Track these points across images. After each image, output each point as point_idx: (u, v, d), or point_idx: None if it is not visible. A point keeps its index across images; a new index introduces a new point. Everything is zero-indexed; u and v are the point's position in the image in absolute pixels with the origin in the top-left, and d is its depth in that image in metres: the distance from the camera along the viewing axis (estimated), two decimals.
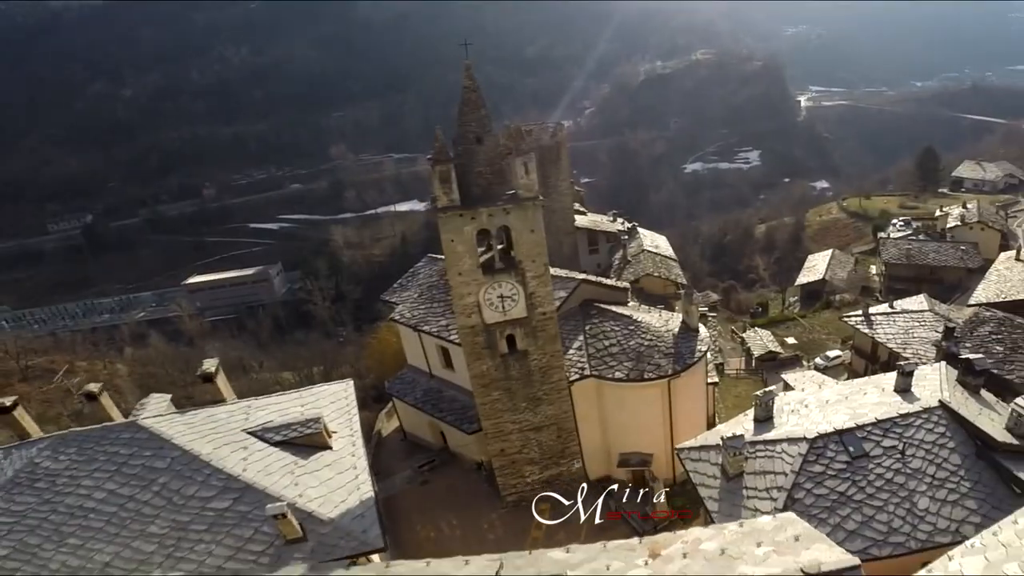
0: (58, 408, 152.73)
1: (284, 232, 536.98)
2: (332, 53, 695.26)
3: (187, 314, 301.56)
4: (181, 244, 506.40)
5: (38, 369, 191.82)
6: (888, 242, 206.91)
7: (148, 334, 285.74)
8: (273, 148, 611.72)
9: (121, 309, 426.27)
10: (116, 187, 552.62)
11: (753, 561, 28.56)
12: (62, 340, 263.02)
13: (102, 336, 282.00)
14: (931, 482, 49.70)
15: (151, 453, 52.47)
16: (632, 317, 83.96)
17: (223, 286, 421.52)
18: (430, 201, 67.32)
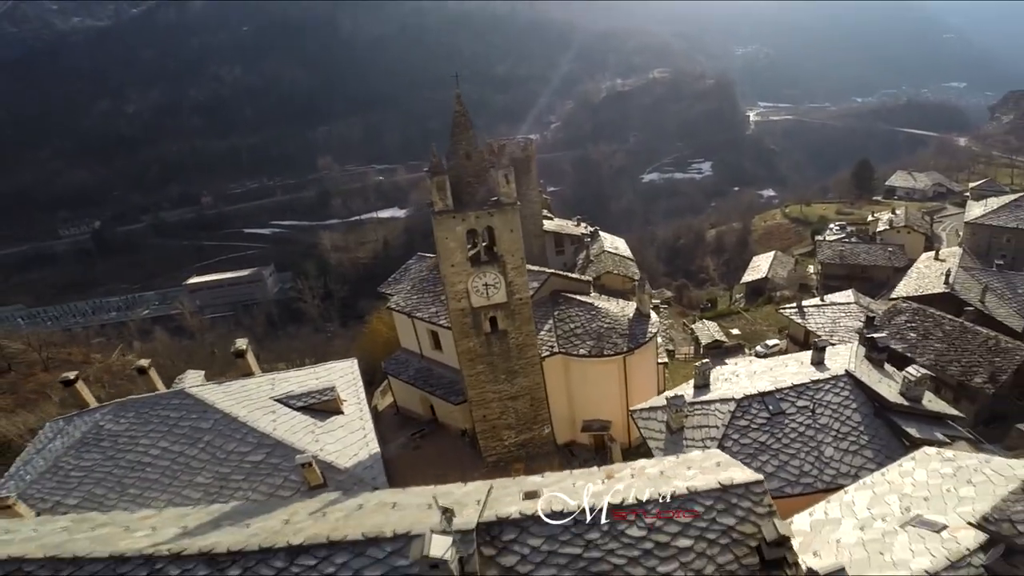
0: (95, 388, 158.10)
1: (276, 237, 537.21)
2: (317, 73, 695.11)
3: (188, 311, 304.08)
4: (181, 248, 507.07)
5: (57, 360, 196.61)
6: (824, 244, 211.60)
7: (153, 330, 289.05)
8: (265, 160, 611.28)
9: (127, 307, 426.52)
10: (121, 195, 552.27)
11: (683, 479, 35.12)
12: (77, 335, 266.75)
13: (111, 332, 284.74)
14: (835, 435, 56.13)
15: (197, 416, 57.85)
16: (594, 304, 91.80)
17: (221, 286, 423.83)
18: (428, 206, 70.48)
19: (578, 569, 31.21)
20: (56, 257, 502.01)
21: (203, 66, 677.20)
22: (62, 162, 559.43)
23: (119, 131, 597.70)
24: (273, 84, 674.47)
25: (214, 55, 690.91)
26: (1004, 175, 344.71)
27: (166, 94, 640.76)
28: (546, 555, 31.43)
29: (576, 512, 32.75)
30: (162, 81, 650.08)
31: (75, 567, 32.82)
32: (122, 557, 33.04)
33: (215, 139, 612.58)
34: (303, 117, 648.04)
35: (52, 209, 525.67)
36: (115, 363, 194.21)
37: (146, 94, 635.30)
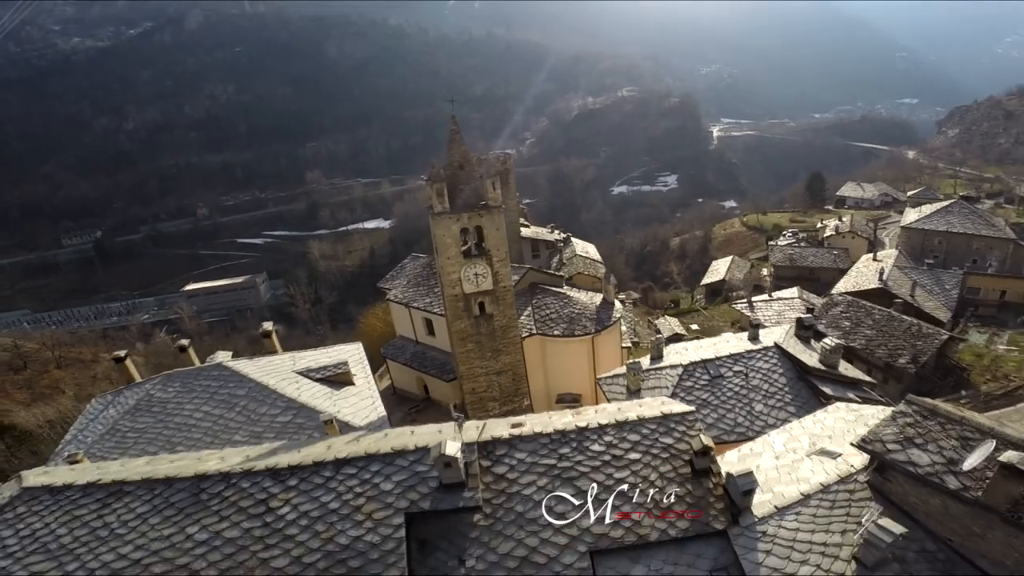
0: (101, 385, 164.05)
1: (268, 246, 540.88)
2: (306, 92, 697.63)
3: (187, 315, 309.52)
4: (178, 256, 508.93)
5: (68, 359, 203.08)
6: (776, 248, 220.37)
7: (153, 333, 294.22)
8: (256, 173, 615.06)
9: (127, 312, 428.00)
10: (121, 207, 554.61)
11: (634, 410, 45.13)
12: (84, 336, 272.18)
13: (113, 335, 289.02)
14: (764, 394, 64.57)
15: (233, 384, 65.48)
16: (566, 294, 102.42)
17: (216, 292, 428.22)
18: (427, 208, 79.53)
19: (553, 476, 40.13)
20: (60, 265, 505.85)
21: (198, 85, 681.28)
22: (65, 175, 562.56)
23: (119, 146, 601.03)
24: (264, 102, 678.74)
25: (208, 75, 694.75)
26: (948, 185, 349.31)
27: (163, 111, 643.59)
28: (529, 465, 40.30)
29: (552, 433, 42.09)
30: (160, 99, 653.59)
31: (166, 486, 40.97)
32: (204, 475, 41.31)
33: (210, 154, 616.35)
34: (292, 133, 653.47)
35: (56, 219, 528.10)
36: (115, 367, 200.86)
37: (144, 111, 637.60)
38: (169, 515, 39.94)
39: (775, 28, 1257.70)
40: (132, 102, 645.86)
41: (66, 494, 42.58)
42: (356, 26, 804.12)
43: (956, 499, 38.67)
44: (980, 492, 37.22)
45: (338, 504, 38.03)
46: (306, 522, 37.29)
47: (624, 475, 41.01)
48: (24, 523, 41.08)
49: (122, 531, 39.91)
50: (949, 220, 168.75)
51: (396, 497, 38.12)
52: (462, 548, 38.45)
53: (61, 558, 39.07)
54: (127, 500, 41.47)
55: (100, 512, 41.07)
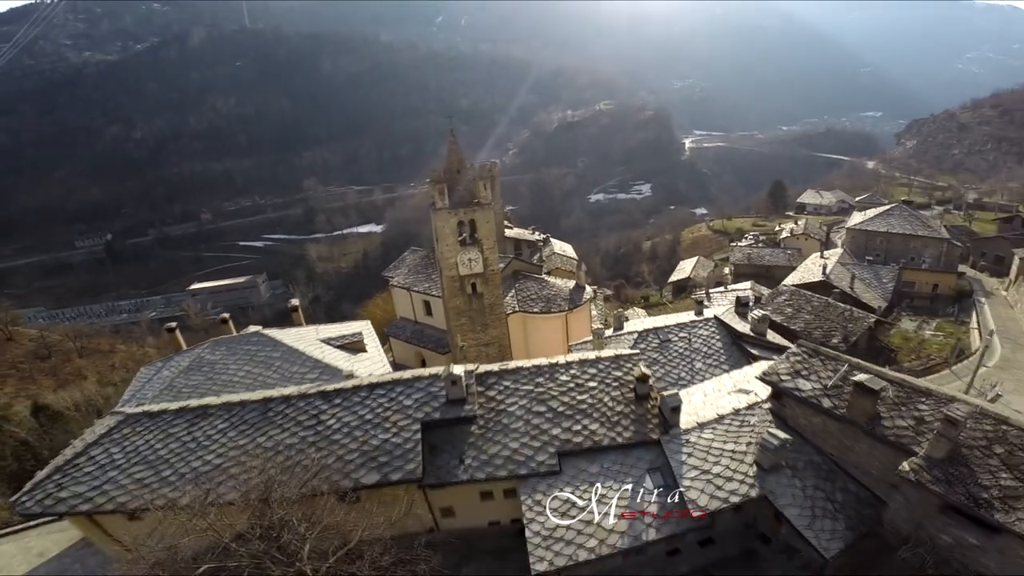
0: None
1: (267, 249, 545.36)
2: (302, 104, 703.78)
3: (193, 312, 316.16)
4: (184, 258, 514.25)
5: (88, 349, 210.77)
6: (736, 249, 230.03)
7: (160, 329, 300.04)
8: (256, 181, 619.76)
9: (136, 310, 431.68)
10: (130, 211, 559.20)
11: (594, 354, 57.77)
12: (100, 330, 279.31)
13: (124, 331, 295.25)
14: (704, 355, 74.79)
15: (269, 348, 74.39)
16: (544, 279, 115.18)
17: (219, 291, 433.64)
18: (430, 205, 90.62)
19: (531, 397, 52.94)
20: (73, 265, 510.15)
21: (202, 97, 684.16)
22: (78, 181, 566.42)
23: (128, 154, 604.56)
24: (263, 114, 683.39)
25: (211, 88, 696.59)
26: (902, 192, 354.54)
27: (169, 122, 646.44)
28: (512, 389, 53.57)
29: (531, 367, 54.94)
30: (166, 110, 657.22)
31: (240, 407, 52.51)
32: (270, 399, 52.78)
33: (213, 162, 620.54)
34: (290, 143, 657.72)
35: (69, 223, 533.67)
36: (137, 352, 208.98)
37: (152, 121, 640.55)
38: (243, 429, 50.76)
39: (746, 44, 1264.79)
40: (140, 113, 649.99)
41: (162, 417, 53.42)
42: (349, 42, 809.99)
43: (830, 416, 49.02)
44: (845, 409, 47.70)
45: (371, 416, 49.82)
46: (347, 430, 48.97)
47: (584, 397, 53.32)
48: (128, 441, 51.71)
49: (207, 443, 50.58)
50: (890, 222, 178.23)
51: (414, 409, 50.25)
52: (461, 450, 50.07)
53: (158, 466, 49.46)
54: (210, 419, 52.40)
55: (189, 429, 51.77)
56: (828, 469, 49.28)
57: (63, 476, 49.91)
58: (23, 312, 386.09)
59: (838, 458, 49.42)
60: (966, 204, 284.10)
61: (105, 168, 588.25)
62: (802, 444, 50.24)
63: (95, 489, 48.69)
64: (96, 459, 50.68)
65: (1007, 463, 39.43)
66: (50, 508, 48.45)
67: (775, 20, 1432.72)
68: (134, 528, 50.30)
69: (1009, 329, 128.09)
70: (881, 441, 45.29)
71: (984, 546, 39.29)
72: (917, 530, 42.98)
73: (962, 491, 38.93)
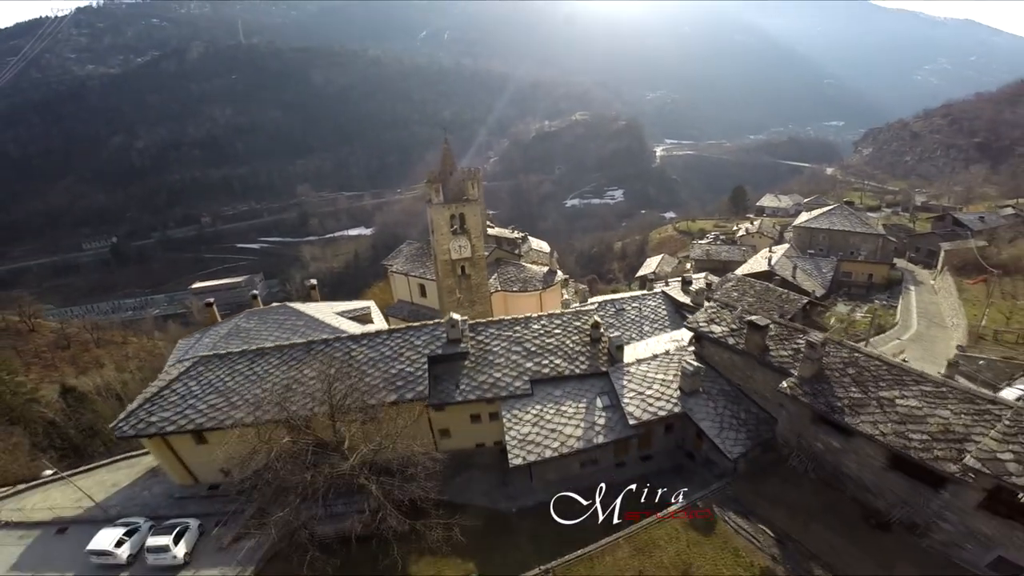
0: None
1: (264, 250, 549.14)
2: (295, 115, 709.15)
3: (196, 309, 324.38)
4: (185, 259, 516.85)
5: (103, 340, 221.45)
6: (696, 246, 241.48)
7: (166, 325, 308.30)
8: (252, 187, 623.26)
9: (141, 307, 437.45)
10: (134, 215, 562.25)
11: (559, 310, 70.47)
12: (113, 323, 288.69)
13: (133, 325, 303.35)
14: (651, 320, 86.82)
15: (295, 318, 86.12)
16: (522, 264, 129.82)
17: (219, 290, 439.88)
18: (427, 201, 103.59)
19: (510, 340, 67.71)
20: (80, 266, 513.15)
21: (200, 108, 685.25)
22: (84, 187, 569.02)
23: (131, 162, 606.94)
24: (258, 124, 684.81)
25: (209, 99, 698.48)
26: (855, 196, 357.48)
27: (170, 131, 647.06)
28: (496, 334, 68.62)
29: (510, 319, 68.64)
30: (166, 120, 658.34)
31: (289, 348, 66.20)
32: (312, 341, 66.59)
33: (211, 169, 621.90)
34: (283, 151, 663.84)
35: (76, 227, 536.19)
36: (147, 344, 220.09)
37: (153, 131, 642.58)
38: (291, 364, 64.04)
39: (716, 57, 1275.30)
40: (142, 123, 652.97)
41: (228, 358, 66.80)
42: (339, 57, 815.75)
43: (734, 351, 63.32)
44: (744, 345, 61.64)
45: (390, 352, 63.85)
46: (372, 362, 62.52)
47: (551, 340, 68.16)
48: (203, 377, 65.04)
49: (264, 375, 63.78)
50: (831, 220, 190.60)
51: (423, 347, 65.19)
52: (457, 380, 64.84)
53: (227, 394, 62.57)
54: (266, 357, 65.83)
55: (250, 365, 65.07)
56: (735, 395, 63.49)
57: (152, 405, 62.52)
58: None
59: (742, 386, 64.06)
60: (913, 206, 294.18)
61: (110, 175, 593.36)
62: (716, 376, 65.01)
63: (178, 414, 61.51)
64: (177, 391, 63.49)
65: (856, 380, 52.66)
66: (143, 430, 60.81)
67: (744, 35, 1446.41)
68: (201, 450, 63.24)
69: (929, 310, 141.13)
70: (769, 367, 59.16)
71: (844, 448, 52.30)
72: (799, 440, 56.28)
73: (823, 401, 51.98)
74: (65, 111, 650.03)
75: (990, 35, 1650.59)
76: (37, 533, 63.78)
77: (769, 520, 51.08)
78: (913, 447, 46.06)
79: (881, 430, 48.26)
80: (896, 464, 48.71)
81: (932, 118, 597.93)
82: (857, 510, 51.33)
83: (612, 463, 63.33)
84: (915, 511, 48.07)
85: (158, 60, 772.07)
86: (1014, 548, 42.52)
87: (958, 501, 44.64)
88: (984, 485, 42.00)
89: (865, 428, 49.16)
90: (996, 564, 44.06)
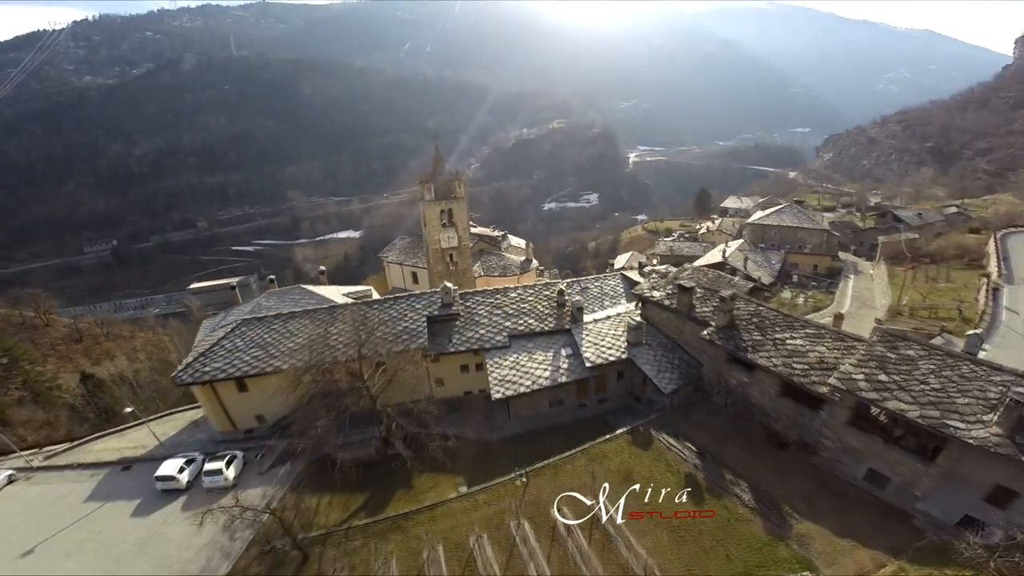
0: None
1: (258, 252, 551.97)
2: (285, 124, 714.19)
3: (196, 307, 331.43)
4: (183, 261, 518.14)
5: (113, 334, 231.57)
6: (661, 243, 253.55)
7: (167, 322, 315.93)
8: (246, 192, 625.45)
9: (141, 307, 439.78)
10: (133, 220, 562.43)
11: (533, 283, 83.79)
12: (120, 320, 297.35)
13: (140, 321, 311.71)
14: (610, 296, 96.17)
15: (308, 296, 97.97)
16: (502, 253, 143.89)
17: (215, 290, 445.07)
18: (420, 198, 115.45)
19: (492, 306, 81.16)
20: (83, 268, 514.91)
21: (195, 118, 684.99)
22: (85, 193, 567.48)
23: (130, 169, 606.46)
24: (250, 133, 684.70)
25: (203, 109, 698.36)
26: (813, 198, 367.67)
27: (166, 139, 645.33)
28: (481, 302, 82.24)
29: (492, 289, 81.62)
30: (163, 129, 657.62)
31: (315, 311, 79.31)
32: (336, 305, 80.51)
33: (206, 175, 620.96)
34: (275, 159, 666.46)
35: (78, 230, 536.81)
36: (153, 338, 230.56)
37: (150, 139, 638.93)
38: (318, 323, 77.49)
39: (687, 67, 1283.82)
40: (139, 131, 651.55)
41: (265, 320, 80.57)
42: (326, 68, 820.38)
43: (669, 310, 77.69)
44: (675, 304, 75.37)
45: (397, 314, 77.90)
46: (383, 322, 75.70)
47: (525, 305, 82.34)
48: (245, 335, 78.81)
49: (296, 332, 77.47)
50: (782, 217, 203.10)
51: (423, 309, 79.67)
52: (450, 336, 78.88)
53: (266, 347, 76.20)
54: (296, 319, 79.46)
55: (284, 325, 78.73)
56: (671, 346, 77.76)
57: (205, 358, 75.58)
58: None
59: (676, 339, 78.49)
60: (866, 206, 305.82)
61: (109, 181, 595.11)
62: (656, 332, 79.59)
63: (227, 363, 74.67)
64: (225, 346, 76.73)
65: (758, 327, 66.96)
66: (199, 378, 73.81)
67: (715, 46, 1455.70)
68: (241, 398, 76.66)
69: (863, 294, 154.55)
70: (695, 321, 73.98)
71: (750, 380, 66.10)
72: (719, 378, 70.12)
73: (733, 343, 66.02)
74: (65, 120, 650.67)
75: (949, 45, 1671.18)
76: (106, 472, 77.13)
77: (693, 440, 64.22)
78: (796, 374, 59.78)
79: (774, 363, 62.03)
80: (787, 391, 62.28)
81: (888, 124, 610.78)
82: (762, 433, 64.13)
83: (575, 404, 77.29)
84: (805, 432, 60.92)
85: (153, 72, 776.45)
86: (879, 461, 54.70)
87: (832, 419, 57.57)
88: (848, 403, 55.28)
89: (762, 362, 62.81)
90: (869, 476, 55.98)
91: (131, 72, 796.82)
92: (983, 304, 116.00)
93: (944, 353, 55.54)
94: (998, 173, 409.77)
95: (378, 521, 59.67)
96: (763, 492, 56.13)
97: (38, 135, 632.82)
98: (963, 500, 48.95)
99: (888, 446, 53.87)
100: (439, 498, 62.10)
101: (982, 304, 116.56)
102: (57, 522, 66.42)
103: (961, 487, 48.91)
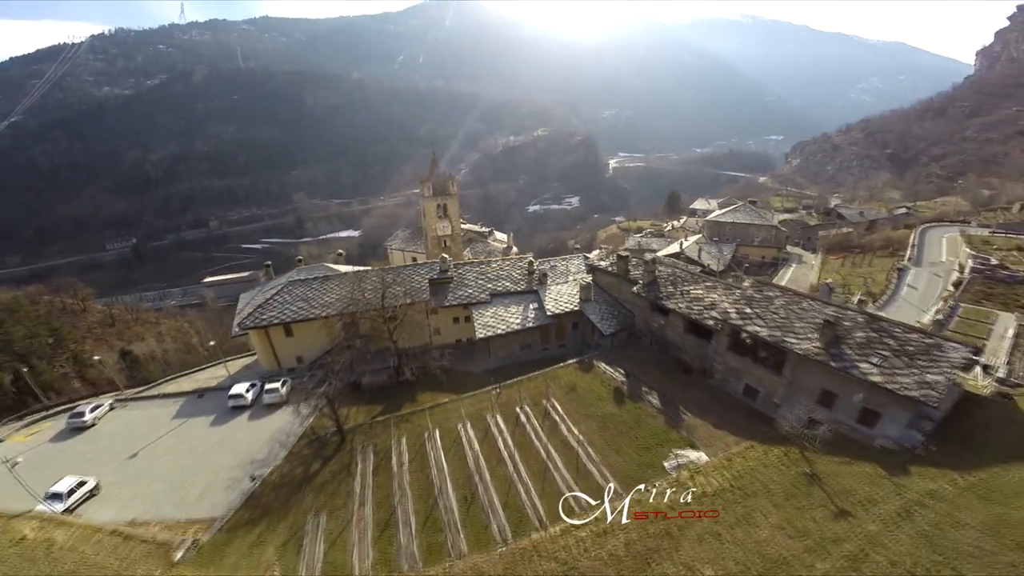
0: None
1: (265, 250, 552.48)
2: (289, 132, 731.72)
3: (210, 299, 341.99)
4: (196, 258, 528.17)
5: (142, 320, 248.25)
6: (631, 238, 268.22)
7: (185, 312, 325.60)
8: (254, 195, 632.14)
9: (160, 299, 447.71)
10: (150, 220, 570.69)
11: (510, 257, 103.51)
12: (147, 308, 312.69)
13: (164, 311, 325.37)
14: (573, 273, 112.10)
15: (330, 273, 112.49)
16: (487, 241, 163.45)
17: (227, 283, 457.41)
18: (419, 195, 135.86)
19: (478, 274, 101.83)
20: (105, 264, 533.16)
21: (206, 126, 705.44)
22: (105, 196, 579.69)
23: (146, 173, 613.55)
24: (257, 140, 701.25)
25: (213, 117, 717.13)
26: (777, 200, 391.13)
27: (180, 146, 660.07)
28: (469, 271, 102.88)
29: (478, 260, 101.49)
30: (176, 136, 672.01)
31: (345, 275, 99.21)
32: (360, 270, 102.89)
33: (217, 179, 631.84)
34: (281, 163, 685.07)
35: (100, 230, 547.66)
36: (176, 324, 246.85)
37: (165, 146, 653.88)
38: (347, 284, 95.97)
39: (668, 77, 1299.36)
40: (154, 139, 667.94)
41: (306, 281, 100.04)
42: (327, 79, 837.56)
43: (612, 275, 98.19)
44: (615, 269, 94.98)
45: (405, 277, 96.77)
46: (395, 283, 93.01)
47: (503, 273, 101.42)
48: (292, 292, 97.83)
49: (331, 290, 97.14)
50: (736, 215, 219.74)
51: (426, 274, 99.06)
52: (445, 294, 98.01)
53: (309, 300, 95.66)
54: (332, 281, 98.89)
55: (322, 285, 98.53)
56: (612, 303, 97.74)
57: (260, 309, 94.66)
58: None
59: (617, 297, 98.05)
60: (824, 207, 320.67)
61: (128, 185, 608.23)
62: (602, 293, 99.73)
63: (279, 312, 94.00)
64: (277, 300, 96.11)
65: (672, 282, 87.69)
66: (259, 323, 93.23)
67: (694, 56, 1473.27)
68: (287, 342, 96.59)
69: (799, 279, 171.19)
70: (630, 282, 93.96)
71: (666, 323, 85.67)
72: (646, 323, 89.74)
73: (654, 295, 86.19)
74: (86, 128, 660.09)
75: (919, 56, 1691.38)
76: (184, 399, 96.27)
77: (624, 367, 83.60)
78: (695, 314, 79.87)
79: (680, 307, 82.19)
80: (690, 328, 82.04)
81: (852, 132, 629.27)
82: (675, 363, 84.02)
83: (541, 348, 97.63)
84: (704, 360, 79.98)
85: (167, 83, 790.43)
86: (750, 377, 73.54)
87: (719, 345, 76.59)
88: (726, 332, 74.82)
89: (673, 306, 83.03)
90: (746, 390, 74.48)
91: (146, 83, 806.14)
92: (888, 282, 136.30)
93: (792, 292, 76.00)
94: (949, 177, 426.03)
95: (392, 417, 79.94)
96: (668, 399, 74.75)
97: (62, 142, 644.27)
98: (806, 405, 65.69)
99: (755, 364, 72.34)
100: (435, 403, 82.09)
101: (887, 282, 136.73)
102: (153, 434, 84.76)
103: (802, 393, 66.56)
